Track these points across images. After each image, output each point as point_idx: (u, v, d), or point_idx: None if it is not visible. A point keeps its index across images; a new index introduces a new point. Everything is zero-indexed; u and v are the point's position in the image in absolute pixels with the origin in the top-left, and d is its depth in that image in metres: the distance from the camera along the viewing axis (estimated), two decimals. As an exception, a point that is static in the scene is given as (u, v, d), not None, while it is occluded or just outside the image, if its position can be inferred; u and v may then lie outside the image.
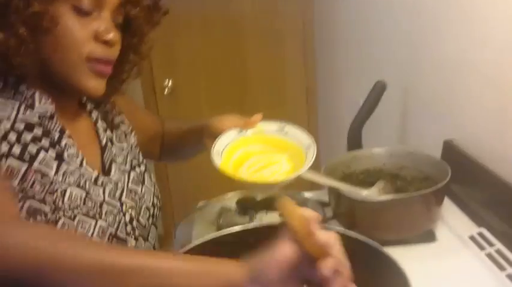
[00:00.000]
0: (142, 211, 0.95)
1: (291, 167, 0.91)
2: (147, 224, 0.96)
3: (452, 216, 1.08)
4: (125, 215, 0.90)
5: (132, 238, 0.90)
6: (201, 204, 1.27)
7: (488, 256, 0.93)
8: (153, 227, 0.98)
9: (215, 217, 1.19)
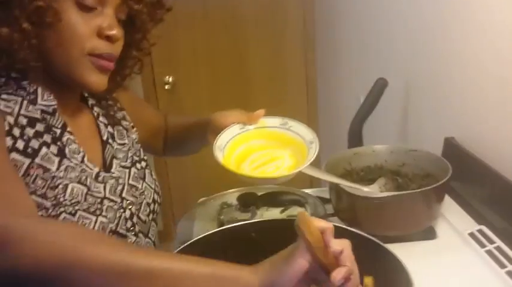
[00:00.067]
0: (142, 207, 0.95)
1: (293, 162, 0.91)
2: (148, 220, 0.96)
3: (453, 213, 1.08)
4: (125, 211, 0.90)
5: (132, 233, 0.91)
6: (202, 200, 1.27)
7: (488, 253, 0.93)
8: (153, 223, 0.98)
9: (216, 213, 1.19)
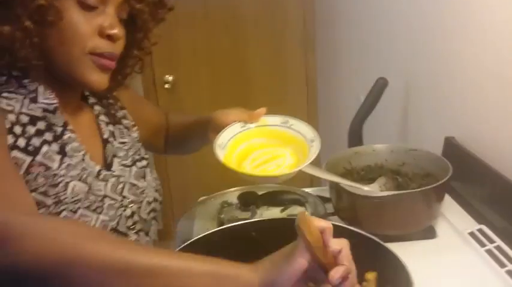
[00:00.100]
0: (143, 206, 0.95)
1: (294, 160, 0.91)
2: (148, 219, 0.96)
3: (453, 213, 1.08)
4: (126, 209, 0.90)
5: (133, 232, 0.91)
6: (202, 199, 1.27)
7: (488, 252, 0.93)
8: (154, 222, 0.98)
9: (216, 212, 1.19)
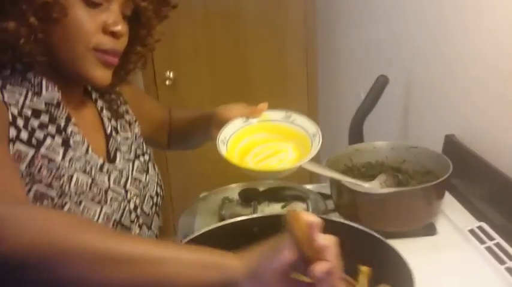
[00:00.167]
0: (146, 200, 0.95)
1: (296, 155, 0.91)
2: (151, 213, 0.97)
3: (453, 210, 1.08)
4: (129, 202, 0.90)
5: (136, 225, 0.91)
6: (203, 195, 1.28)
7: (488, 249, 0.93)
8: (155, 216, 0.99)
9: (217, 207, 1.19)
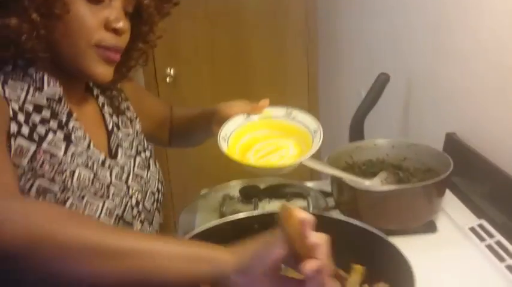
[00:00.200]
0: (147, 196, 0.96)
1: (298, 151, 0.91)
2: (152, 209, 0.97)
3: (454, 208, 1.08)
4: (131, 198, 0.91)
5: (138, 221, 0.91)
6: (203, 192, 1.28)
7: (488, 247, 0.94)
8: (157, 213, 0.99)
9: (218, 204, 1.19)
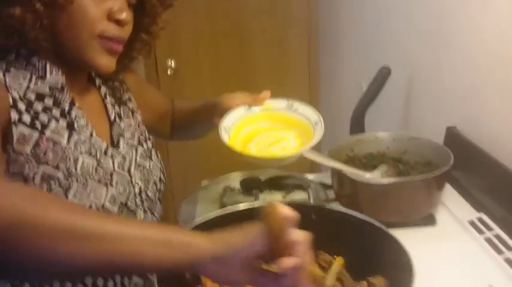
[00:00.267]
0: (150, 185, 0.96)
1: (299, 143, 0.91)
2: (155, 198, 0.97)
3: (453, 201, 1.09)
4: (134, 186, 0.91)
5: (141, 210, 0.92)
6: (204, 183, 1.28)
7: (487, 240, 0.94)
8: (158, 202, 0.99)
9: (219, 196, 1.20)
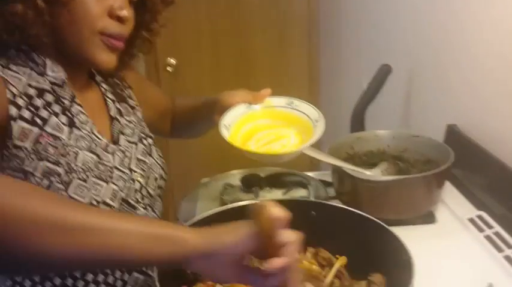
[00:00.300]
0: (150, 181, 0.96)
1: (299, 141, 0.91)
2: (155, 195, 0.97)
3: (453, 199, 1.09)
4: (134, 182, 0.91)
5: (141, 206, 0.92)
6: (205, 180, 1.28)
7: (487, 238, 0.94)
8: (159, 199, 1.00)
9: (219, 193, 1.20)
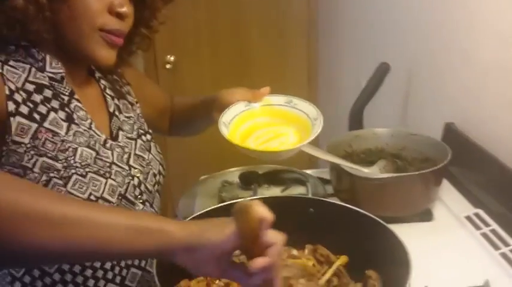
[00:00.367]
0: (149, 177, 0.97)
1: (297, 139, 0.92)
2: (153, 191, 0.98)
3: (450, 197, 1.10)
4: (133, 178, 0.92)
5: (140, 201, 0.93)
6: (203, 178, 1.29)
7: (484, 235, 0.95)
8: (157, 195, 1.00)
9: (217, 190, 1.20)
